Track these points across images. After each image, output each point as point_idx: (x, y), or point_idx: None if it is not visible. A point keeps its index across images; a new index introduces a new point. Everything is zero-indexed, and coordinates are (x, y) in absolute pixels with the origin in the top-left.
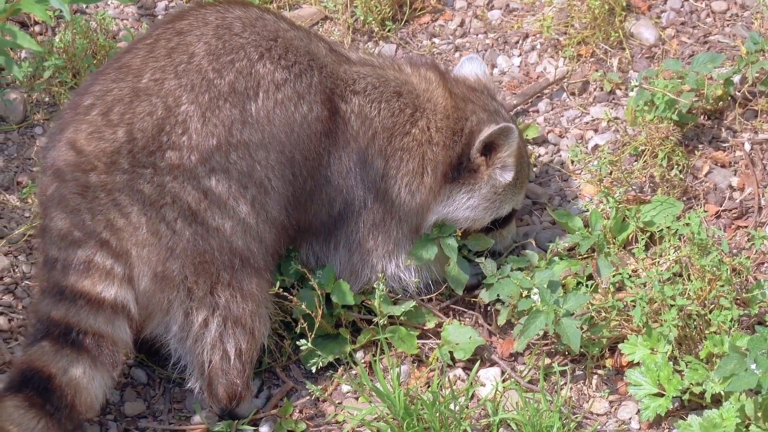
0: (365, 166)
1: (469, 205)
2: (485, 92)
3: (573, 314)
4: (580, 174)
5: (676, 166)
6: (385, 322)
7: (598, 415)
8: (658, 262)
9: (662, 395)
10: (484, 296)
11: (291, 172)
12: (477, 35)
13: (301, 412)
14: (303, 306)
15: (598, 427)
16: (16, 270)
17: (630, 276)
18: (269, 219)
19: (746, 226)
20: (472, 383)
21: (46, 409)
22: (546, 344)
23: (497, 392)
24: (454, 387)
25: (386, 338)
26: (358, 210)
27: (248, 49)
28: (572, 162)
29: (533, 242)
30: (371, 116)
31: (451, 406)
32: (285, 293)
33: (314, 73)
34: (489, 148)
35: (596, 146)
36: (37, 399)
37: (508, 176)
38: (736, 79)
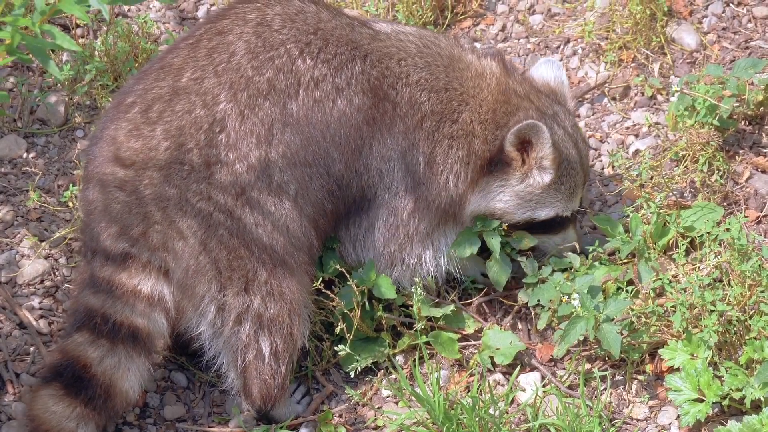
0: (410, 148)
1: (500, 198)
2: (550, 96)
3: (613, 319)
4: (620, 179)
5: (716, 172)
6: (425, 327)
7: (637, 420)
8: (699, 267)
9: (702, 401)
10: (523, 296)
11: (326, 169)
12: (518, 40)
13: (340, 416)
14: (342, 305)
15: None
16: (57, 273)
17: (670, 281)
18: (308, 216)
19: None
20: (512, 388)
21: (80, 397)
22: (586, 349)
23: (537, 397)
24: (494, 392)
25: (427, 343)
26: (395, 194)
27: (288, 45)
28: (613, 167)
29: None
30: (421, 101)
31: (491, 411)
32: (326, 291)
33: (356, 62)
34: (526, 146)
35: (637, 151)
36: (72, 388)
37: (545, 178)
38: None
